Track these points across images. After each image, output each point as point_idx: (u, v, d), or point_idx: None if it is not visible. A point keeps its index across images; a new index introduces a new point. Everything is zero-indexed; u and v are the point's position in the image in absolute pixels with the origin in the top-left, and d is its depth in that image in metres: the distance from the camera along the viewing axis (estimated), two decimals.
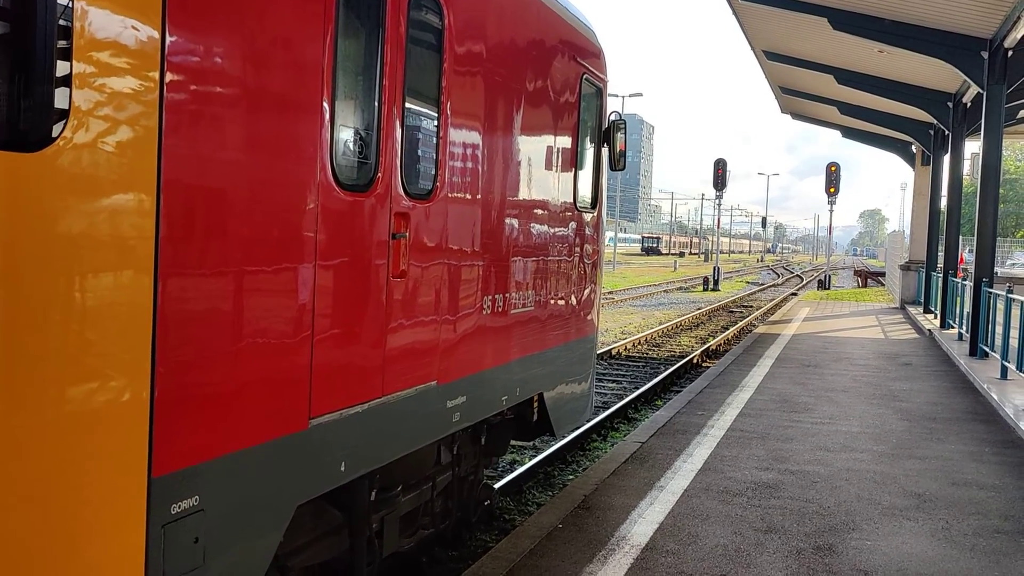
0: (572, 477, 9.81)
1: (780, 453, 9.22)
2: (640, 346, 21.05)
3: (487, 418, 6.43)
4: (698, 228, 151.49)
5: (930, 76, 21.34)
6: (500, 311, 6.08)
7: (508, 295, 6.20)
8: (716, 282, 46.09)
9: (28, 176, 2.63)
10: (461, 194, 5.40)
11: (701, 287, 46.48)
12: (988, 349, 15.60)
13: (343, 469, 4.32)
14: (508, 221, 6.15)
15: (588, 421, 11.52)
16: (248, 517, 3.69)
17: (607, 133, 8.24)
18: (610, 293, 37.35)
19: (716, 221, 52.86)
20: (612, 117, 8.34)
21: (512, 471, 9.60)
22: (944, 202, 24.94)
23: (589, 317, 8.26)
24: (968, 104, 21.98)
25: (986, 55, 16.29)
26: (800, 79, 25.95)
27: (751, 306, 35.80)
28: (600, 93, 8.07)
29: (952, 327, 20.75)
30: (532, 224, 6.60)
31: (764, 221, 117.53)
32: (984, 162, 16.65)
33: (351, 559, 5.07)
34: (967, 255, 33.85)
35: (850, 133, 34.00)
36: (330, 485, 4.27)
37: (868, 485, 8.13)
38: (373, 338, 4.48)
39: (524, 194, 6.43)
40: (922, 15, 16.64)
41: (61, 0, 2.71)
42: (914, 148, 32.09)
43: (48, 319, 2.73)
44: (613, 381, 16.13)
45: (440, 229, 5.15)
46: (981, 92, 16.69)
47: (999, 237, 28.43)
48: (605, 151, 8.27)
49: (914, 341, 20.90)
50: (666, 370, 16.86)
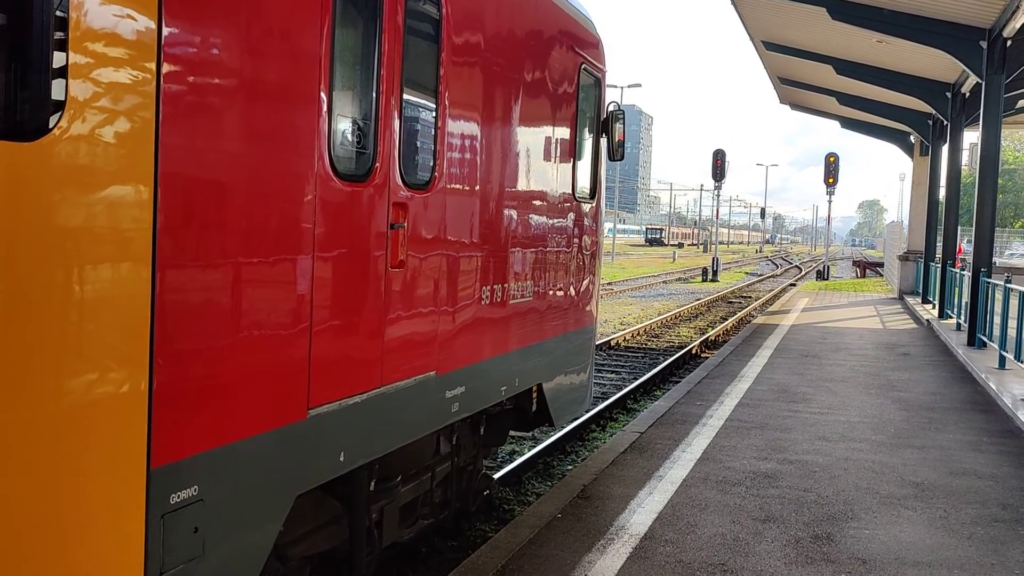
0: (571, 467, 9.83)
1: (779, 443, 9.24)
2: (639, 337, 21.07)
3: (486, 408, 6.44)
4: (697, 219, 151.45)
5: (929, 66, 21.32)
6: (499, 301, 6.08)
7: (507, 285, 6.20)
8: (715, 273, 46.12)
9: (24, 166, 2.62)
10: (459, 184, 5.39)
11: (700, 278, 46.51)
12: (986, 339, 15.62)
13: (342, 459, 4.32)
14: (506, 211, 6.14)
15: (587, 411, 11.54)
16: (248, 507, 3.69)
17: (606, 123, 8.21)
18: (609, 284, 37.36)
19: (715, 212, 52.85)
20: (611, 107, 8.31)
21: (511, 461, 9.62)
22: (943, 192, 24.95)
23: (588, 307, 8.26)
24: (967, 94, 21.96)
25: (985, 45, 16.27)
26: (799, 69, 25.92)
27: (750, 297, 35.82)
28: (598, 83, 8.05)
29: (950, 317, 20.77)
30: (531, 215, 6.59)
31: (763, 212, 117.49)
32: (983, 152, 16.66)
33: (350, 549, 5.09)
34: (965, 245, 33.88)
35: (849, 124, 33.97)
36: (329, 475, 4.27)
37: (866, 475, 8.15)
38: (372, 328, 4.48)
39: (522, 184, 6.42)
40: (921, 4, 16.61)
41: None
42: (913, 138, 32.07)
43: (45, 310, 2.73)
44: (612, 371, 16.15)
45: (438, 219, 5.14)
46: (980, 82, 16.68)
47: (997, 227, 28.41)
48: (604, 141, 8.24)
49: (912, 331, 20.93)
50: (665, 360, 16.88)
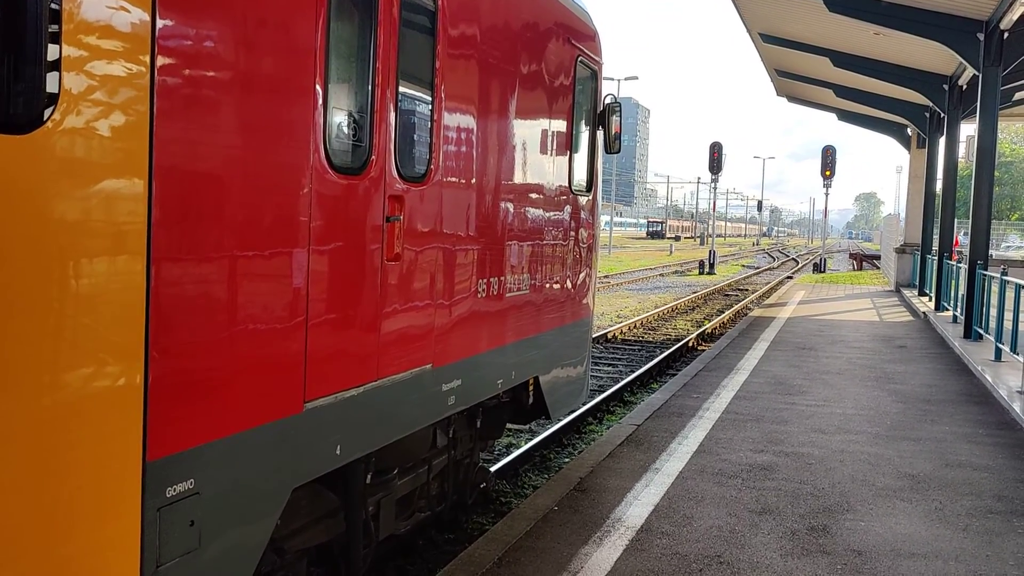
0: (568, 460, 9.84)
1: (775, 435, 9.26)
2: (636, 330, 21.08)
3: (482, 401, 6.44)
4: (694, 212, 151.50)
5: (926, 58, 21.31)
6: (495, 294, 6.07)
7: (503, 278, 6.19)
8: (712, 266, 46.12)
9: (17, 159, 2.61)
10: (455, 177, 5.38)
11: (697, 271, 46.51)
12: (982, 331, 15.65)
13: (338, 452, 4.32)
14: (503, 204, 6.13)
15: (584, 404, 11.55)
16: (244, 500, 3.69)
17: (602, 116, 8.20)
18: (606, 277, 37.37)
19: (712, 205, 52.84)
20: (607, 99, 8.30)
21: (508, 454, 9.63)
22: (939, 185, 24.97)
23: (584, 300, 8.25)
24: (964, 86, 21.96)
25: (982, 37, 16.26)
26: (796, 62, 25.90)
27: (746, 289, 35.85)
28: (595, 76, 8.03)
29: (947, 310, 20.81)
30: (527, 207, 6.59)
31: (760, 204, 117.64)
32: (979, 145, 16.65)
33: (347, 542, 5.09)
34: (962, 238, 33.92)
35: (846, 116, 33.97)
36: (325, 468, 4.27)
37: (862, 467, 8.17)
38: (367, 321, 4.48)
39: (519, 177, 6.41)
40: None
41: None
42: (910, 131, 32.09)
43: (39, 304, 2.72)
44: (609, 364, 16.17)
45: (434, 212, 5.13)
46: (977, 74, 16.68)
47: (994, 220, 28.41)
48: (600, 134, 8.23)
49: (909, 324, 20.96)
50: (661, 353, 16.89)
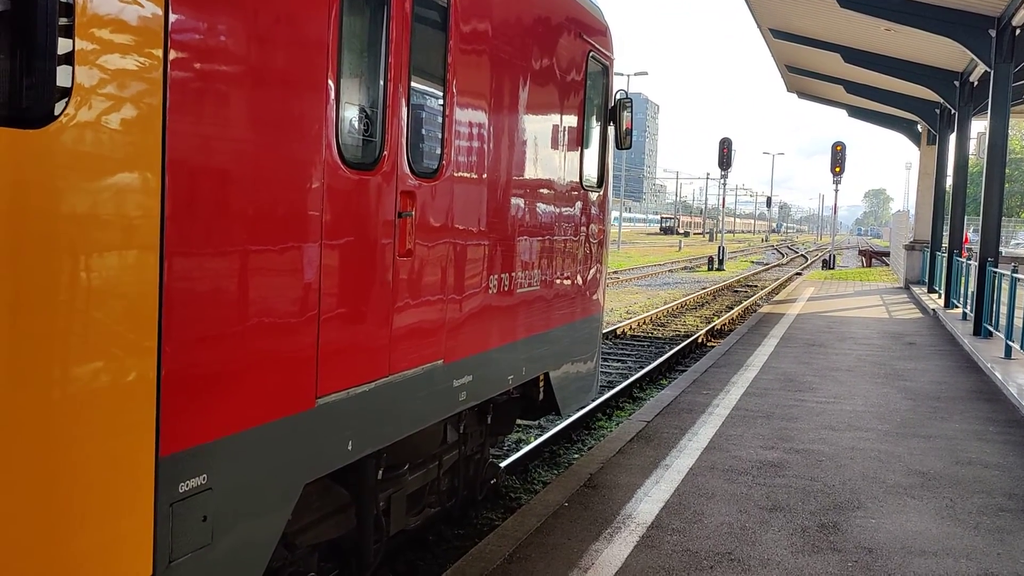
0: (578, 456, 9.85)
1: (785, 432, 9.24)
2: (645, 326, 21.06)
3: (493, 397, 6.44)
4: (703, 208, 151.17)
5: (937, 54, 21.20)
6: (506, 290, 6.07)
7: (514, 274, 6.19)
8: (721, 262, 46.03)
9: (30, 153, 2.61)
10: (467, 173, 5.38)
11: (706, 267, 46.43)
12: (992, 329, 15.59)
13: (350, 448, 4.33)
14: (514, 200, 6.13)
15: (593, 400, 11.56)
16: (256, 496, 3.70)
17: (613, 111, 8.18)
18: (615, 273, 37.33)
19: (721, 201, 52.73)
20: (619, 95, 8.29)
21: (518, 450, 9.63)
22: (949, 182, 24.86)
23: (595, 296, 8.25)
24: (975, 83, 21.84)
25: (994, 33, 16.17)
26: (806, 57, 25.81)
27: (756, 286, 35.77)
28: (606, 71, 8.01)
29: (956, 307, 20.73)
30: (538, 203, 6.58)
31: (769, 201, 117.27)
32: (990, 141, 16.57)
33: (358, 537, 5.10)
34: (972, 235, 33.79)
35: (856, 112, 33.84)
36: (337, 464, 4.27)
37: (873, 464, 8.15)
38: (379, 317, 4.47)
39: (530, 173, 6.40)
40: None
41: None
42: (920, 127, 31.94)
43: (52, 299, 2.72)
44: (618, 360, 16.16)
45: (446, 208, 5.13)
46: (988, 71, 16.58)
47: (1004, 217, 28.31)
48: (611, 130, 8.22)
49: (918, 321, 20.89)
50: (671, 349, 16.87)
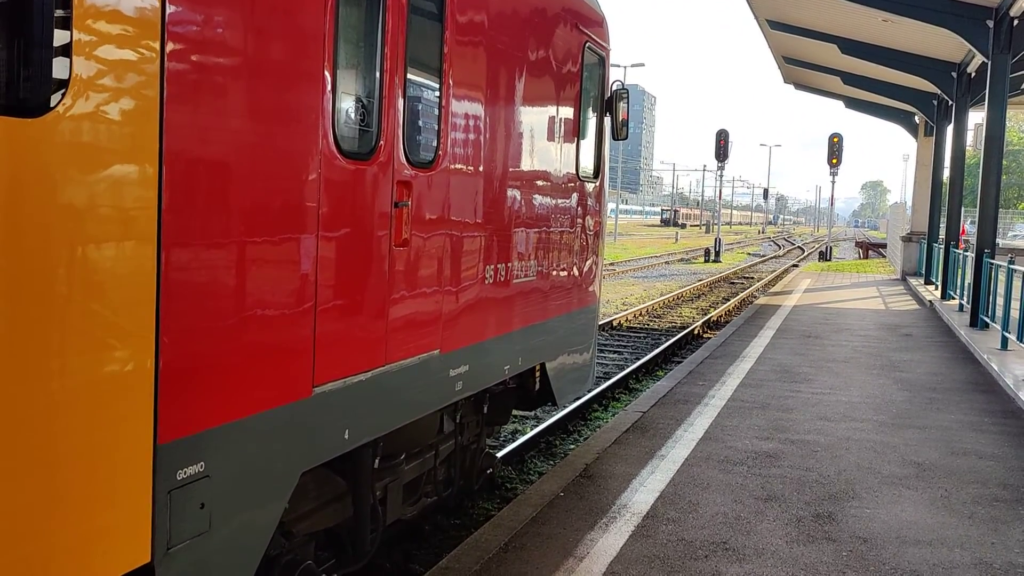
0: (573, 446, 9.86)
1: (780, 423, 9.27)
2: (641, 317, 21.09)
3: (489, 387, 6.46)
4: (700, 200, 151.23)
5: (934, 45, 21.18)
6: (502, 281, 6.09)
7: (510, 264, 6.21)
8: (717, 254, 46.06)
9: (27, 143, 2.62)
10: (463, 163, 5.38)
11: (702, 259, 46.46)
12: (989, 320, 15.62)
13: (347, 437, 4.35)
14: (510, 190, 6.14)
15: (589, 391, 11.57)
16: (254, 483, 3.72)
17: (610, 102, 8.18)
18: (611, 265, 37.35)
19: (717, 193, 52.72)
20: (615, 86, 8.27)
21: (514, 440, 9.66)
22: (946, 173, 24.87)
23: (591, 287, 8.26)
24: (972, 74, 21.83)
25: (992, 24, 16.14)
26: (803, 49, 25.76)
27: (752, 277, 35.81)
28: (603, 62, 8.00)
29: (953, 298, 20.76)
30: (534, 194, 6.59)
31: (766, 192, 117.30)
32: (988, 133, 16.56)
33: (354, 526, 5.12)
34: (969, 226, 33.80)
35: (853, 103, 33.78)
36: (334, 452, 4.29)
37: (868, 454, 8.17)
38: (376, 307, 4.49)
39: (526, 164, 6.40)
40: None
41: None
42: (917, 119, 31.92)
43: (50, 289, 2.73)
44: (614, 352, 16.18)
45: (442, 198, 5.13)
46: (986, 62, 16.58)
47: (1001, 209, 28.30)
48: (607, 120, 8.22)
49: (915, 312, 20.93)
50: (667, 341, 16.90)
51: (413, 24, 4.68)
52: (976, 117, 27.56)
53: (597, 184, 8.13)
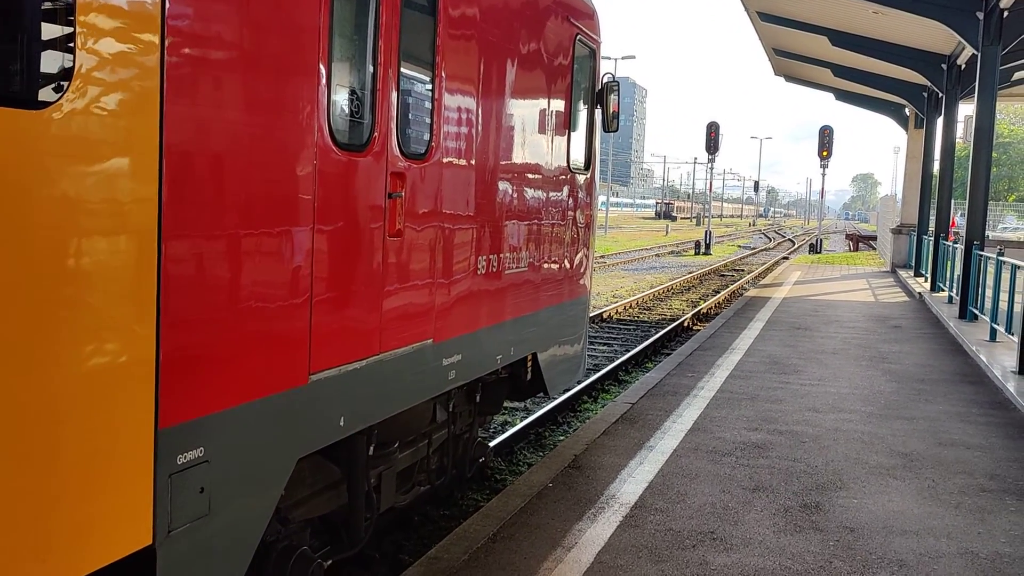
0: (563, 438, 9.88)
1: (769, 414, 9.30)
2: (631, 309, 21.11)
3: (482, 377, 6.51)
4: (690, 192, 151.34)
5: (925, 37, 21.22)
6: (494, 271, 6.13)
7: (502, 255, 6.25)
8: (708, 246, 46.12)
9: (30, 134, 2.66)
10: (455, 155, 5.43)
11: (693, 251, 46.52)
12: (978, 312, 15.70)
13: (342, 424, 4.41)
14: (502, 182, 6.17)
15: (580, 382, 11.59)
16: (252, 469, 3.79)
17: (600, 94, 8.23)
18: (601, 257, 37.37)
19: (708, 185, 52.78)
20: (606, 78, 8.31)
21: (504, 432, 9.66)
22: (937, 165, 24.94)
23: (582, 279, 8.30)
24: (962, 66, 21.89)
25: (981, 15, 16.16)
26: (794, 41, 25.79)
27: (742, 270, 35.88)
28: (593, 54, 8.04)
29: (942, 290, 20.86)
30: (525, 186, 6.61)
31: (756, 185, 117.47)
32: (977, 125, 16.60)
33: (349, 512, 5.17)
34: (959, 218, 33.93)
35: (844, 96, 33.85)
36: (330, 439, 4.36)
37: (856, 445, 8.21)
38: (370, 296, 4.54)
39: (517, 156, 6.43)
40: None
41: None
42: (907, 111, 32.01)
43: (55, 279, 2.78)
44: (604, 344, 16.20)
45: (435, 189, 5.18)
46: (976, 53, 16.59)
47: (991, 201, 28.42)
48: (598, 113, 8.26)
49: (904, 304, 21.01)
50: (657, 333, 16.93)
51: (406, 17, 4.73)
52: (966, 109, 27.61)
53: (588, 176, 8.16)
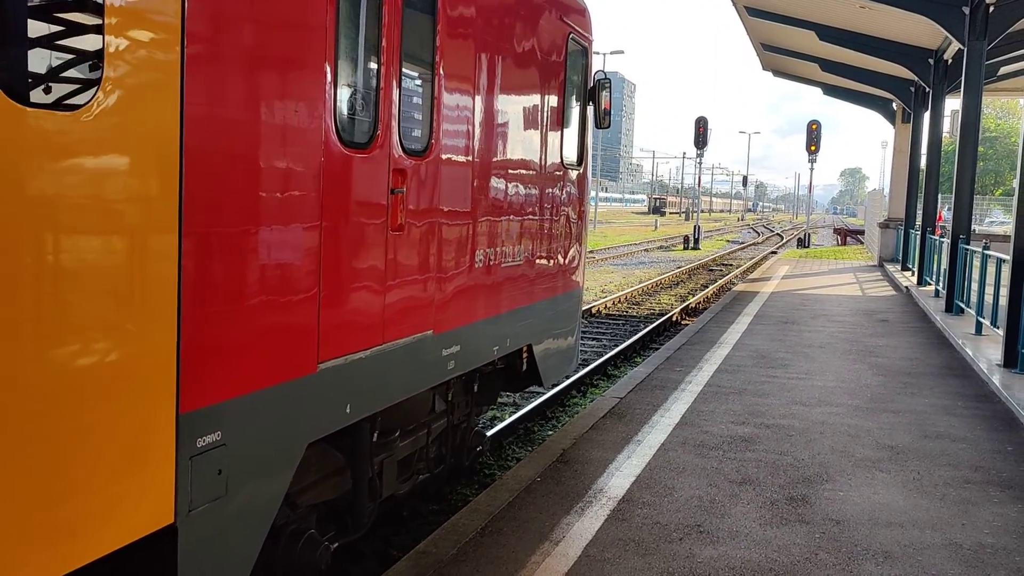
0: (551, 432, 9.90)
1: (756, 408, 9.34)
2: (620, 304, 21.14)
3: (479, 367, 6.71)
4: (679, 187, 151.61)
5: (912, 32, 21.30)
6: (491, 265, 6.32)
7: (499, 249, 6.44)
8: (696, 241, 46.20)
9: (66, 135, 2.85)
10: (453, 151, 5.62)
11: (681, 246, 46.59)
12: (964, 305, 15.78)
13: (348, 411, 4.62)
14: (498, 178, 6.35)
15: (570, 376, 11.61)
16: (265, 452, 3.97)
17: (593, 92, 8.45)
18: (591, 252, 37.38)
19: (697, 180, 52.85)
20: (598, 76, 8.55)
21: (492, 427, 9.67)
22: (924, 160, 25.03)
23: (575, 272, 8.51)
24: (949, 61, 21.97)
25: (967, 10, 16.22)
26: (782, 35, 25.83)
27: (731, 264, 35.97)
28: (585, 52, 8.26)
29: (929, 284, 20.96)
30: (521, 182, 6.79)
31: (745, 180, 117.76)
32: (964, 119, 16.66)
33: (353, 498, 5.36)
34: (946, 213, 34.09)
35: (831, 91, 33.93)
36: (337, 425, 4.56)
37: (842, 438, 8.25)
38: (375, 288, 4.76)
39: (513, 152, 6.62)
40: None
41: None
42: (895, 105, 32.10)
43: (91, 273, 2.98)
44: (593, 339, 16.22)
45: (434, 185, 5.37)
46: (962, 48, 16.64)
47: (977, 195, 28.58)
48: (591, 109, 8.46)
49: (891, 298, 21.10)
50: (645, 328, 16.96)
51: (407, 19, 4.94)
52: (953, 104, 27.71)
53: (580, 172, 8.40)
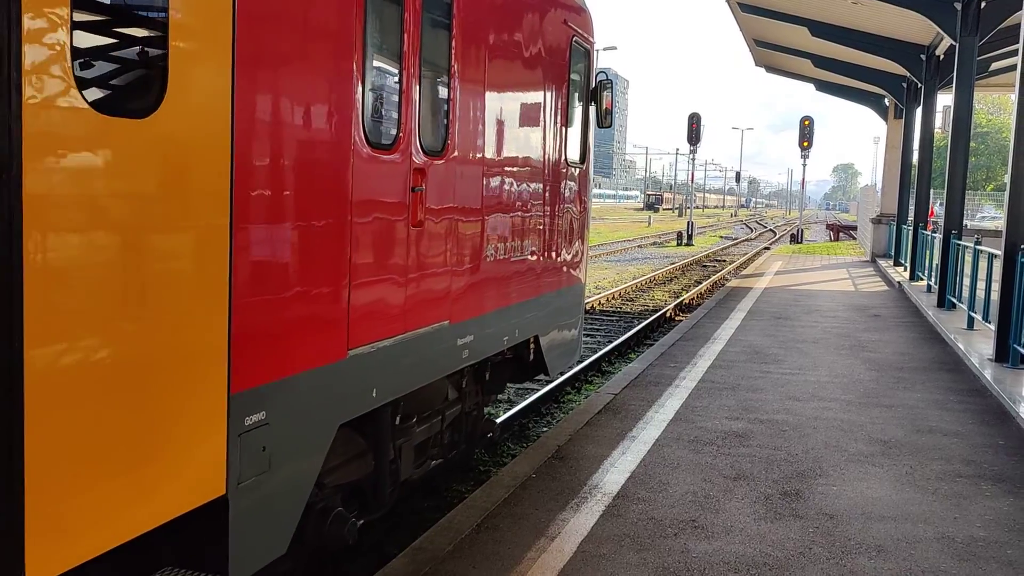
0: (546, 429, 9.93)
1: (750, 403, 9.38)
2: (614, 300, 21.18)
3: (490, 357, 7.02)
4: (672, 184, 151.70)
5: (904, 28, 21.35)
6: (502, 259, 6.65)
7: (509, 244, 6.76)
8: (690, 237, 46.29)
9: (138, 140, 3.14)
10: (468, 151, 5.93)
11: (675, 242, 46.66)
12: (956, 300, 15.84)
13: (375, 395, 4.94)
14: (507, 177, 6.66)
15: (570, 368, 11.63)
16: (303, 432, 4.27)
17: (595, 92, 8.73)
18: None
19: (690, 176, 52.91)
20: (599, 77, 8.88)
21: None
22: (916, 156, 25.11)
23: (578, 267, 8.75)
24: (941, 57, 22.03)
25: (959, 6, 16.28)
26: (774, 32, 25.88)
27: (724, 260, 36.04)
28: (588, 54, 8.54)
29: (921, 279, 21.03)
30: (528, 180, 7.09)
31: (738, 176, 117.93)
32: (955, 115, 16.73)
33: (375, 480, 5.58)
34: (938, 208, 34.18)
35: (824, 87, 34.02)
36: (364, 408, 4.87)
37: (835, 433, 8.30)
38: (398, 279, 5.07)
39: (521, 152, 6.92)
40: None
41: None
42: (887, 101, 32.19)
43: (163, 264, 3.29)
44: (587, 335, 16.25)
45: (450, 183, 5.67)
46: (954, 44, 16.72)
47: (969, 191, 28.58)
48: (592, 109, 8.81)
49: (884, 293, 21.18)
50: (639, 324, 17.00)
51: (426, 27, 5.27)
52: (945, 99, 27.83)
53: (583, 169, 8.67)
